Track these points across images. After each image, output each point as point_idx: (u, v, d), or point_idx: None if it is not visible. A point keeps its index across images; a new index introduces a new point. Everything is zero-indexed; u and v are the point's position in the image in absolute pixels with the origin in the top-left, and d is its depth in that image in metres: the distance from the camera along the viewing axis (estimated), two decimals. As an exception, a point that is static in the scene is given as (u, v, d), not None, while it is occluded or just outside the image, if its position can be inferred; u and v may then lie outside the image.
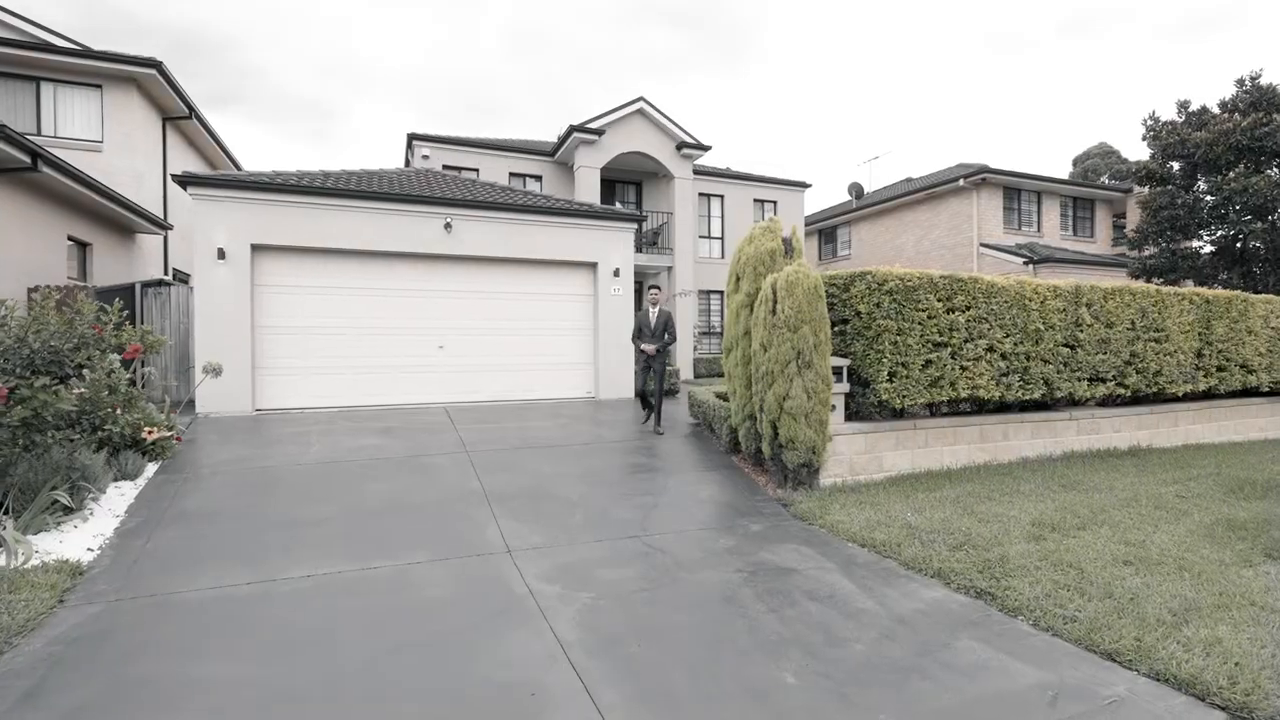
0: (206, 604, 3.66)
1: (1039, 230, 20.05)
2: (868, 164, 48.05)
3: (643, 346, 8.06)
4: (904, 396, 6.25)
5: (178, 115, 13.91)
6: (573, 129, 15.28)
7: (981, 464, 7.07)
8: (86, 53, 11.76)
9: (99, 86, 12.08)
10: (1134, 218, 21.02)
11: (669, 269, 16.66)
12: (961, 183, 18.83)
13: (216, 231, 8.54)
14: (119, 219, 11.49)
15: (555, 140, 16.71)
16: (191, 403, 8.37)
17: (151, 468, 5.93)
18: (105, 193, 10.19)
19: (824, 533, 5.13)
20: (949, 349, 6.46)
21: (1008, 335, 6.81)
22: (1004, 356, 6.82)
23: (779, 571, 4.31)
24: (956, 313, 6.50)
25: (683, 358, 16.11)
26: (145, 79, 12.28)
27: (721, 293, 18.57)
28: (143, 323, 9.11)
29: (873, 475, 6.55)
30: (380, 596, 3.82)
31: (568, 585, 4.01)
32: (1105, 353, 7.50)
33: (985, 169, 18.53)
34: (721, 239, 19.00)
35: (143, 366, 7.34)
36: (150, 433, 5.79)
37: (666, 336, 8.08)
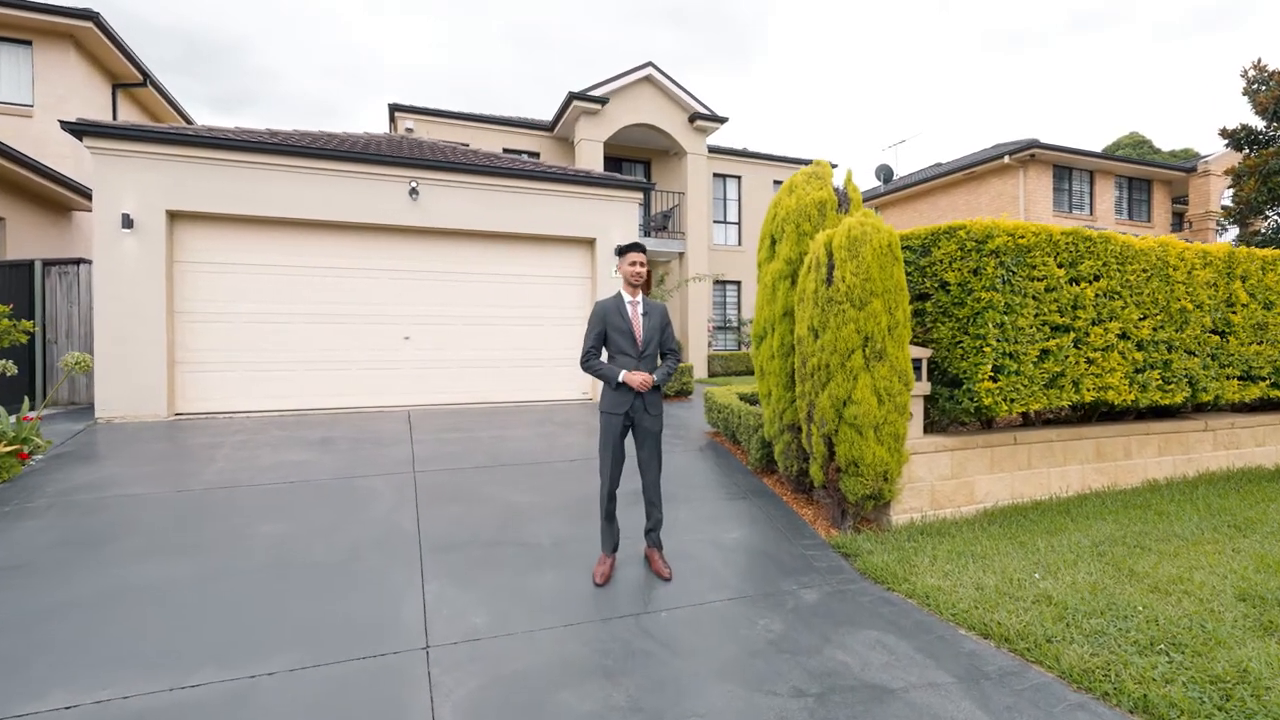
0: None
1: (1091, 213, 18.04)
2: (893, 148, 45.68)
3: (625, 377, 3.52)
4: (1013, 400, 4.45)
5: (130, 82, 12.37)
6: (573, 96, 13.57)
7: (1100, 490, 5.28)
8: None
9: (28, 43, 10.55)
10: (1198, 199, 18.95)
11: (680, 255, 14.90)
12: (1007, 159, 16.88)
13: (122, 194, 6.92)
14: (43, 192, 9.92)
15: (554, 114, 15.01)
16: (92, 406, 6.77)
17: (-33, 497, 4.31)
18: (16, 159, 8.63)
19: (915, 607, 3.38)
20: (1072, 334, 4.65)
21: (1145, 316, 4.98)
22: (1140, 346, 5.00)
23: (865, 694, 2.57)
24: (1083, 284, 4.67)
25: (695, 354, 14.34)
26: (83, 34, 10.71)
27: (739, 284, 16.78)
28: (44, 308, 7.53)
29: (960, 508, 4.78)
30: (162, 763, 2.13)
31: (505, 733, 2.30)
32: (1261, 342, 5.66)
33: (1035, 144, 16.56)
34: (739, 224, 17.21)
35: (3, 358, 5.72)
36: (-46, 450, 4.16)
37: (666, 360, 3.73)
